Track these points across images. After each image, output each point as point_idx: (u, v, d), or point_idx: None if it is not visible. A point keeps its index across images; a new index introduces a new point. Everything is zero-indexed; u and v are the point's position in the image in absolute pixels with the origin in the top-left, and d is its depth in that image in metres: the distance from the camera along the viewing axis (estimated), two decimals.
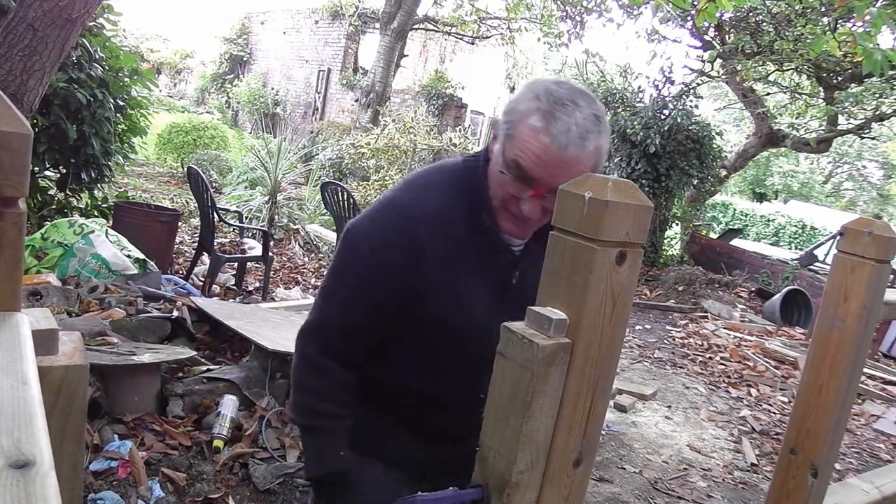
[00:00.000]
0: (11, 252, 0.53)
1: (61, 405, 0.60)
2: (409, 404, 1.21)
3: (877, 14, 3.78)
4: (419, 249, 1.07)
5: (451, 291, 1.10)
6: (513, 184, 1.02)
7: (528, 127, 0.99)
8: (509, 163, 1.02)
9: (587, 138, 0.99)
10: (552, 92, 1.00)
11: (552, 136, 0.97)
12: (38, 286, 3.25)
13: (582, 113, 0.99)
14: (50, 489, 0.34)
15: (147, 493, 2.23)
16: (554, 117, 0.98)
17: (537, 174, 1.00)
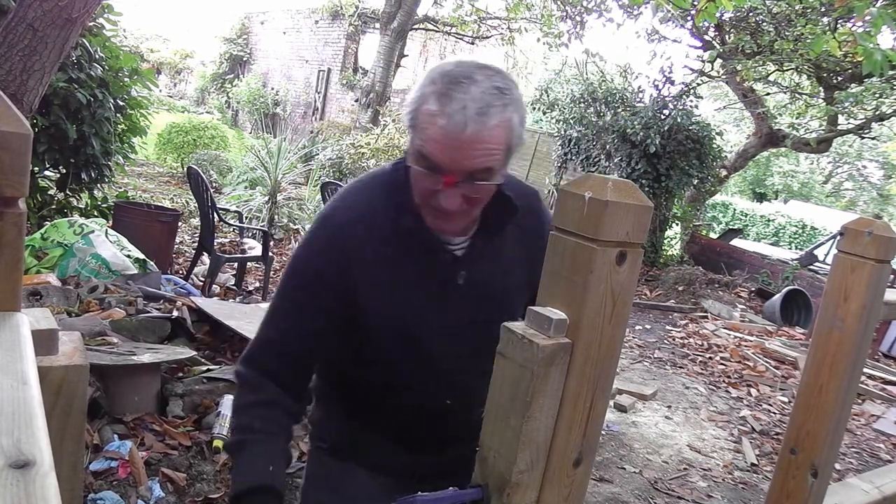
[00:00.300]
0: (11, 252, 0.53)
1: (61, 405, 0.60)
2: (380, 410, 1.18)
3: (877, 14, 3.78)
4: (347, 254, 1.04)
5: (386, 294, 1.06)
6: (425, 176, 0.97)
7: (425, 113, 0.94)
8: (416, 154, 0.97)
9: (487, 113, 0.92)
10: (448, 72, 0.95)
11: (448, 117, 0.91)
12: (38, 286, 3.25)
13: (479, 87, 0.92)
14: (50, 489, 0.34)
15: (147, 493, 2.23)
16: (448, 97, 0.92)
17: (442, 160, 0.94)
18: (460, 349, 1.11)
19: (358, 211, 1.07)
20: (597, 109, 9.14)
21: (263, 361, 1.10)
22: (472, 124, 0.91)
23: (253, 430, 1.06)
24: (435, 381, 1.13)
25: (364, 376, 1.15)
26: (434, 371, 1.12)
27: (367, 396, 1.17)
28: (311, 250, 1.09)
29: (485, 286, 1.11)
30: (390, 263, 1.06)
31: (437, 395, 1.13)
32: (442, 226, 1.03)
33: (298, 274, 1.09)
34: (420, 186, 1.00)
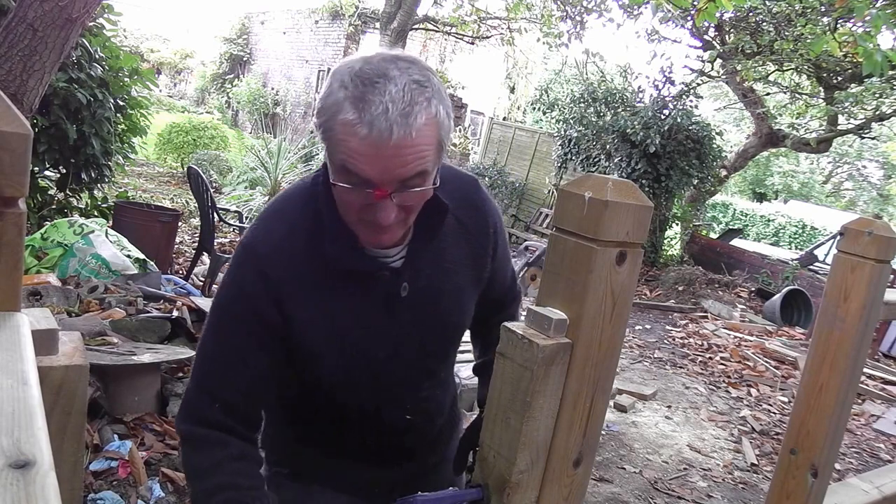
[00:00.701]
0: (11, 252, 0.53)
1: (61, 405, 0.60)
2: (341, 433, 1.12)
3: (876, 14, 3.78)
4: (276, 287, 0.95)
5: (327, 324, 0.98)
6: (353, 192, 0.86)
7: (341, 123, 0.82)
8: (339, 169, 0.86)
9: (411, 112, 0.81)
10: (358, 72, 0.83)
11: (369, 126, 0.80)
12: (38, 286, 3.25)
13: (397, 84, 0.81)
14: (50, 489, 0.34)
15: (147, 493, 2.23)
16: (365, 101, 0.80)
17: (370, 174, 0.83)
18: (413, 361, 1.07)
19: (280, 238, 0.96)
20: (597, 109, 9.15)
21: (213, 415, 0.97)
22: (398, 129, 0.81)
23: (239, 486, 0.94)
24: (392, 399, 1.09)
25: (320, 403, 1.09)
26: (390, 389, 1.07)
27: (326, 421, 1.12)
28: (237, 288, 0.98)
29: (430, 292, 1.04)
30: (324, 291, 0.97)
31: (396, 412, 1.10)
32: (379, 240, 0.93)
33: (229, 314, 0.98)
34: (348, 203, 0.89)
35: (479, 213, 1.10)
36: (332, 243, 0.94)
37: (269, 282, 0.95)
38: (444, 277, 1.06)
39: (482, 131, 16.88)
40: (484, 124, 17.22)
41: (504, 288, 1.24)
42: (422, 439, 1.16)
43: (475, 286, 1.12)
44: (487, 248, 1.12)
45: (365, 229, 0.92)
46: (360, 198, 0.87)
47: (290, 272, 0.95)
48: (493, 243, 1.13)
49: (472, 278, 1.11)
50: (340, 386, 1.04)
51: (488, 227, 1.12)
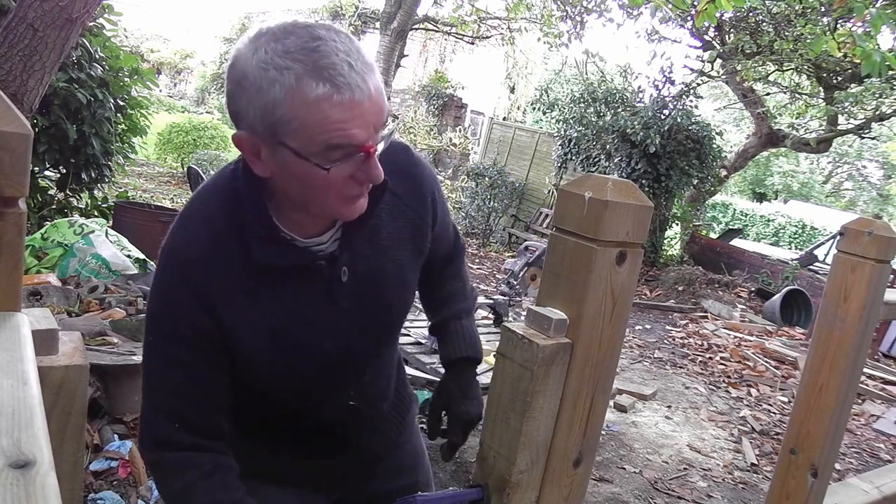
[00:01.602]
0: (11, 252, 0.53)
1: (61, 405, 0.60)
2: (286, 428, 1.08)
3: (876, 15, 3.78)
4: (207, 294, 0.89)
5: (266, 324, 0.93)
6: (342, 168, 0.81)
7: (308, 103, 0.76)
8: (325, 153, 0.79)
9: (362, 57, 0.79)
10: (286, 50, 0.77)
11: (346, 87, 0.76)
12: (38, 286, 3.25)
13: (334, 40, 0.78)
14: (50, 489, 0.34)
15: (147, 493, 2.23)
16: (323, 68, 0.75)
17: (360, 135, 0.79)
18: (357, 348, 1.03)
19: (206, 241, 0.90)
20: (597, 109, 9.15)
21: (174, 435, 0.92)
22: (368, 77, 0.77)
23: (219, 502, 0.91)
24: (335, 388, 1.05)
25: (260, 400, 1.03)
26: (333, 379, 1.04)
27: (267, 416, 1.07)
28: (165, 300, 0.92)
29: (370, 275, 0.99)
30: (259, 292, 0.91)
31: (340, 400, 1.06)
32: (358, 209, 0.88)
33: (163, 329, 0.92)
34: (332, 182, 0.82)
35: (415, 182, 1.04)
36: (260, 245, 0.89)
37: (197, 289, 0.89)
38: (383, 256, 1.00)
39: (482, 131, 16.92)
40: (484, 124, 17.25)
41: (448, 248, 1.19)
42: (366, 425, 1.12)
43: (417, 258, 1.07)
44: (426, 217, 1.06)
45: (342, 204, 0.86)
46: (348, 168, 0.82)
47: (219, 277, 0.89)
48: (433, 211, 1.07)
49: (412, 251, 1.05)
50: (282, 382, 0.99)
51: (425, 195, 1.05)
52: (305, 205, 0.88)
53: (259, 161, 0.84)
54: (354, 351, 1.03)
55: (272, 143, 0.80)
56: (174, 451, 0.93)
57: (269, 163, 0.83)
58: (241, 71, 0.79)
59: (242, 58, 0.79)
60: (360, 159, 0.81)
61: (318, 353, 0.98)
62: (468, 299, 1.24)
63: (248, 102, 0.79)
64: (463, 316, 1.21)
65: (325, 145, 0.78)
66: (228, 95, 0.82)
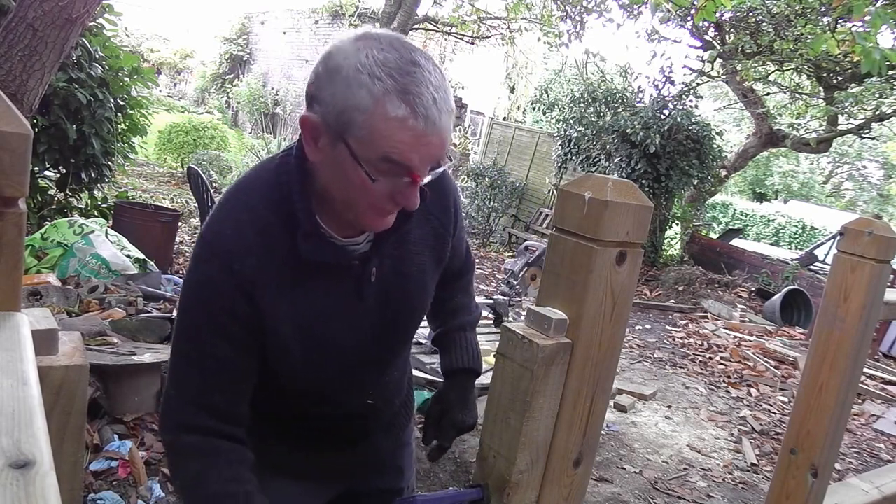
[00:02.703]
0: (11, 252, 0.53)
1: (61, 405, 0.60)
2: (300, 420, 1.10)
3: (875, 14, 3.78)
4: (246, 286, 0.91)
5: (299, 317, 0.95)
6: (386, 183, 0.85)
7: (387, 118, 0.80)
8: (377, 164, 0.83)
9: (447, 98, 0.83)
10: (385, 62, 0.81)
11: (424, 119, 0.80)
12: (38, 286, 3.25)
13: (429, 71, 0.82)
14: (50, 489, 0.34)
15: (147, 493, 2.23)
16: (410, 94, 0.80)
17: (415, 162, 0.83)
18: (380, 347, 1.07)
19: (248, 230, 0.92)
20: (597, 109, 9.15)
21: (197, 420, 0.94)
22: (444, 116, 0.82)
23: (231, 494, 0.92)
24: (358, 385, 1.09)
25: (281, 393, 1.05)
26: (354, 375, 1.07)
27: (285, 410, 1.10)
28: (206, 287, 0.93)
29: (395, 277, 1.04)
30: (294, 285, 0.94)
31: (359, 398, 1.10)
32: (384, 224, 0.92)
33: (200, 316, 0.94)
34: (372, 193, 0.86)
35: (441, 191, 1.08)
36: (304, 239, 0.92)
37: (238, 277, 0.91)
38: (408, 260, 1.05)
39: (482, 131, 16.93)
40: (484, 124, 17.26)
41: (461, 261, 1.25)
42: (378, 421, 1.16)
43: (437, 266, 1.11)
44: (449, 226, 1.11)
45: (373, 215, 0.90)
46: (394, 186, 0.85)
47: (259, 267, 0.92)
48: (454, 221, 1.12)
49: (433, 259, 1.09)
50: (306, 377, 1.02)
51: (448, 205, 1.10)
52: (340, 204, 0.91)
53: (315, 146, 0.88)
54: (376, 350, 1.06)
55: (335, 137, 0.84)
56: (196, 434, 0.94)
57: (324, 152, 0.87)
58: (337, 63, 0.83)
59: (342, 52, 0.83)
60: (405, 184, 0.85)
61: (342, 350, 1.01)
62: (473, 314, 1.29)
63: (332, 93, 0.83)
64: (468, 328, 1.25)
65: (381, 156, 0.82)
66: (315, 77, 0.86)
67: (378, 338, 1.05)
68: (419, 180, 0.85)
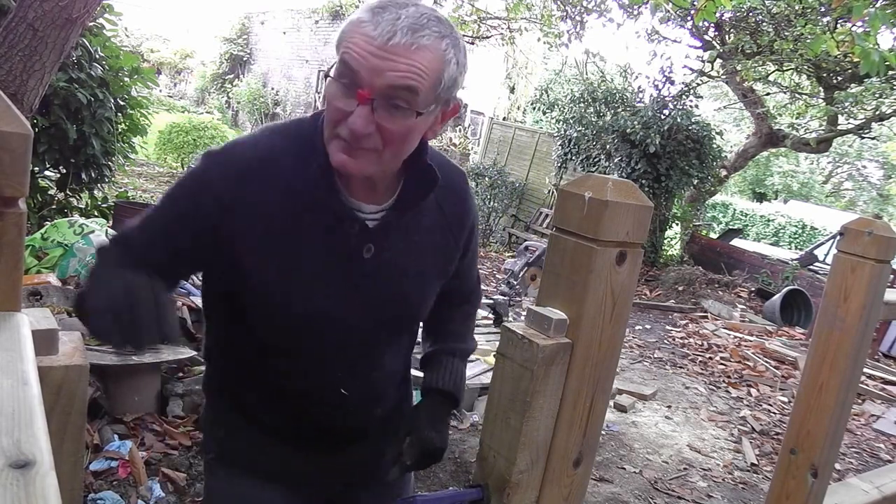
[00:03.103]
0: (11, 252, 0.53)
1: (61, 405, 0.60)
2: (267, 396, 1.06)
3: (874, 15, 3.78)
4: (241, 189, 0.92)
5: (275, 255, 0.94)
6: (341, 93, 0.86)
7: (353, 24, 0.86)
8: (337, 66, 0.87)
9: (420, 31, 0.84)
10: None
11: (376, 24, 0.83)
12: (38, 286, 3.25)
13: (417, 9, 0.86)
14: (50, 489, 0.34)
15: (147, 493, 2.23)
16: (382, 9, 0.85)
17: (362, 69, 0.84)
18: (359, 334, 1.02)
19: (266, 152, 0.95)
20: (597, 109, 9.15)
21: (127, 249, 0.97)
22: (401, 35, 0.83)
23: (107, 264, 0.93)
24: (328, 367, 1.03)
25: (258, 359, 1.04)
26: (325, 355, 1.02)
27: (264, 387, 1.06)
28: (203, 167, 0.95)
29: (393, 266, 1.01)
30: (287, 220, 0.94)
31: (330, 384, 1.04)
32: (346, 162, 0.89)
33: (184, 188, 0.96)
34: (333, 109, 0.88)
35: (462, 204, 1.09)
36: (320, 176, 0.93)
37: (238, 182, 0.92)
38: (410, 256, 1.03)
39: (482, 131, 16.93)
40: (484, 124, 17.26)
41: (469, 288, 1.22)
42: (356, 424, 1.09)
43: (438, 278, 1.09)
44: (460, 240, 1.10)
45: (336, 146, 0.89)
46: (345, 101, 0.86)
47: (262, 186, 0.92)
48: (467, 240, 1.12)
49: (436, 268, 1.07)
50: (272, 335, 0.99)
51: (467, 220, 1.11)
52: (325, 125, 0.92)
53: None
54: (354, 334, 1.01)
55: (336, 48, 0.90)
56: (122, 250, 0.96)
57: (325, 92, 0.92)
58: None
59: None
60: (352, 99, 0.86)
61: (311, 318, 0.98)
62: (467, 344, 1.23)
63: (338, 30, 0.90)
64: (458, 354, 1.19)
65: (340, 59, 0.87)
66: None
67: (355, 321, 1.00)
68: (365, 97, 0.84)
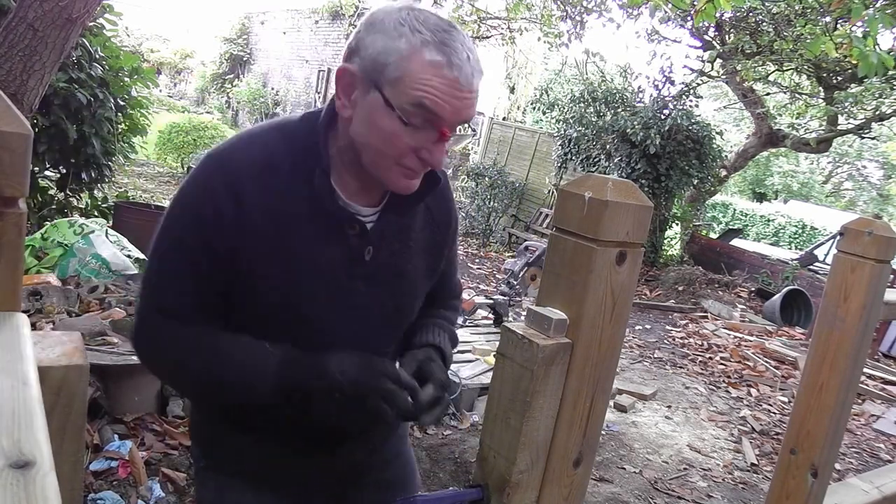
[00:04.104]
0: (11, 252, 0.53)
1: (61, 405, 0.60)
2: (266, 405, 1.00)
3: (872, 17, 3.78)
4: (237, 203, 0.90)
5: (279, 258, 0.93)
6: (415, 133, 0.87)
7: (424, 63, 0.84)
8: (408, 109, 0.85)
9: (479, 62, 0.88)
10: (425, 21, 0.86)
11: (458, 69, 0.84)
12: (38, 286, 3.25)
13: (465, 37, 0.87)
14: (50, 489, 0.34)
15: (147, 493, 2.23)
16: (450, 47, 0.84)
17: (446, 114, 0.86)
18: (357, 334, 1.00)
19: (261, 156, 0.93)
20: (597, 109, 9.14)
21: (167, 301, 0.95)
22: (478, 75, 0.87)
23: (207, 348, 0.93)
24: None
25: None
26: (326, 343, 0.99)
27: None
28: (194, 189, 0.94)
29: (391, 267, 1.01)
30: (289, 224, 0.93)
31: None
32: (408, 186, 0.92)
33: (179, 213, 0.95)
34: (398, 145, 0.88)
35: (447, 205, 1.11)
36: (324, 181, 0.92)
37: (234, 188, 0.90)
38: (405, 257, 1.04)
39: (482, 131, 16.91)
40: (484, 124, 17.25)
41: (450, 287, 1.21)
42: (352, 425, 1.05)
43: (429, 277, 1.10)
44: (447, 239, 1.12)
45: (396, 170, 0.90)
46: (419, 139, 0.87)
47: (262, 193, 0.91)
48: (451, 239, 1.14)
49: (427, 267, 1.09)
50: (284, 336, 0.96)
51: (451, 220, 1.13)
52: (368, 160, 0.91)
53: (347, 100, 0.90)
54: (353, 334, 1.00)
55: (368, 86, 0.87)
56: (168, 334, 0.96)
57: (356, 106, 0.90)
58: (377, 17, 0.88)
59: (383, 11, 0.88)
60: (433, 137, 0.88)
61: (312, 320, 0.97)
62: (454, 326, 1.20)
63: (371, 42, 0.86)
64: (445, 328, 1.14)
65: (415, 102, 0.85)
66: (354, 35, 0.90)
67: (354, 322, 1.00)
68: (447, 135, 0.88)
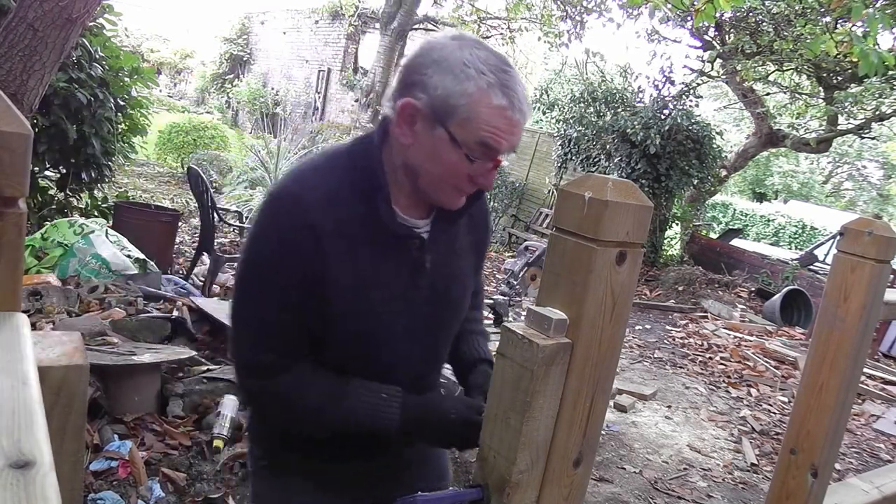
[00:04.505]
0: (11, 252, 0.53)
1: (61, 405, 0.60)
2: None
3: (871, 16, 3.78)
4: (316, 236, 0.96)
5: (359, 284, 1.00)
6: (474, 164, 0.97)
7: (490, 107, 0.94)
8: (473, 146, 0.95)
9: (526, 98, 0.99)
10: (486, 61, 0.94)
11: (518, 111, 0.96)
12: (38, 286, 3.25)
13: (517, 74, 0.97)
14: (50, 489, 0.34)
15: (147, 493, 2.23)
16: (509, 89, 0.95)
17: (504, 148, 0.98)
18: (422, 340, 1.09)
19: (323, 193, 0.98)
20: (597, 109, 9.14)
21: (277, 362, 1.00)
22: (527, 113, 0.98)
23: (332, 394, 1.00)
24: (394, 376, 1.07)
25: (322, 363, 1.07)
26: (396, 364, 1.07)
27: None
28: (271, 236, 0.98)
29: (447, 272, 1.10)
30: (360, 250, 1.00)
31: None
32: (460, 203, 1.03)
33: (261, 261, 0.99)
34: (458, 175, 0.98)
35: (483, 208, 1.21)
36: (383, 205, 1.00)
37: (312, 230, 0.96)
38: (455, 261, 1.12)
39: None
40: None
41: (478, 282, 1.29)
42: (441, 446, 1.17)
43: (474, 276, 1.19)
44: (486, 241, 1.23)
45: (452, 193, 1.01)
46: (477, 168, 0.97)
47: (331, 228, 0.97)
48: (487, 240, 1.25)
49: (472, 268, 1.17)
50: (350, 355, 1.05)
51: (488, 222, 1.24)
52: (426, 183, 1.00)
53: (408, 129, 0.98)
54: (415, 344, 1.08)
55: (434, 122, 0.96)
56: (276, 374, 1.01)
57: (418, 135, 0.98)
58: (442, 55, 0.95)
59: (446, 47, 0.96)
60: (489, 166, 0.99)
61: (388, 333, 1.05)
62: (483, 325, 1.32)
63: (440, 80, 0.94)
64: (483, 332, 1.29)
65: (480, 141, 0.95)
66: (416, 67, 0.97)
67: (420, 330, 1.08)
68: (498, 163, 0.99)
